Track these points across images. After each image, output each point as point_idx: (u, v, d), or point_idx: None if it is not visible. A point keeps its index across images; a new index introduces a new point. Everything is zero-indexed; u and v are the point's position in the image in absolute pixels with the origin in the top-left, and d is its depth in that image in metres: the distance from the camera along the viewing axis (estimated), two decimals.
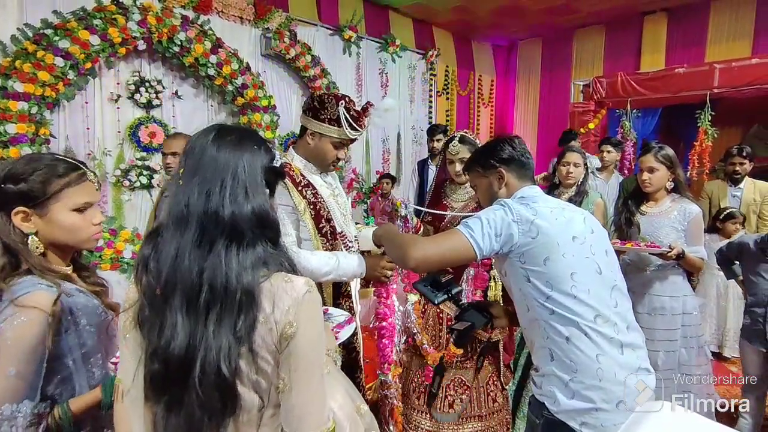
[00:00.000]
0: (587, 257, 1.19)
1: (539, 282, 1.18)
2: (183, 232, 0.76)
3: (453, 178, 2.04)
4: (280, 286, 0.77)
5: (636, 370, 1.17)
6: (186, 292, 0.74)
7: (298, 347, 0.76)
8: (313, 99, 1.62)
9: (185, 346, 0.73)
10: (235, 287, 0.74)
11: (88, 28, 3.14)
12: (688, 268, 2.11)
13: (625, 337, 1.18)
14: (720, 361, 3.31)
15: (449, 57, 6.45)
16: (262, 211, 0.80)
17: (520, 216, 1.19)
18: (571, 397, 1.15)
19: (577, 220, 1.25)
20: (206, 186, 0.77)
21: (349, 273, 1.50)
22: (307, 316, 0.77)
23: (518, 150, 1.35)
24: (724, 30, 5.12)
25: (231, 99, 4.07)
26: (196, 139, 0.82)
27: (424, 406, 2.06)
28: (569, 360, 1.15)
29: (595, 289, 1.17)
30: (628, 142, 4.89)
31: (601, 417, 1.12)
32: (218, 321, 0.73)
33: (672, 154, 2.14)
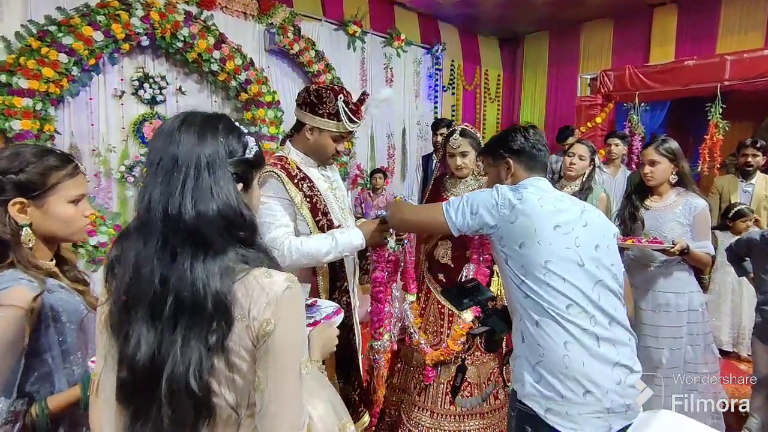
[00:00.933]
0: (568, 248, 1.18)
1: (515, 266, 1.21)
2: (145, 237, 0.71)
3: (453, 171, 2.02)
4: (258, 282, 0.74)
5: (613, 365, 1.16)
6: (149, 302, 0.70)
7: (275, 344, 0.73)
8: (309, 93, 1.59)
9: (150, 358, 0.69)
10: (203, 297, 0.69)
11: (91, 24, 3.15)
12: (694, 263, 2.06)
13: (604, 331, 1.17)
14: (734, 360, 3.24)
15: (455, 51, 6.39)
16: (230, 209, 0.73)
17: (504, 199, 1.23)
18: (537, 380, 1.17)
19: (571, 211, 1.25)
20: (167, 184, 0.71)
21: (350, 246, 1.49)
22: (286, 313, 0.74)
23: (531, 141, 1.34)
24: (735, 21, 5.00)
25: (235, 95, 4.07)
26: (160, 130, 0.76)
27: (424, 403, 2.04)
28: (537, 344, 1.17)
29: (571, 280, 1.16)
30: (636, 136, 4.81)
31: (566, 405, 1.12)
32: (187, 333, 0.69)
33: (675, 146, 2.08)
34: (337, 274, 1.64)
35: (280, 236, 1.47)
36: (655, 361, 2.07)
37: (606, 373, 1.14)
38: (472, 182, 2.04)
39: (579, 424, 1.11)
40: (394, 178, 5.68)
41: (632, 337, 1.24)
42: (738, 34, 4.97)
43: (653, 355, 2.07)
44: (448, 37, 6.22)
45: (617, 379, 1.15)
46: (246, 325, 0.72)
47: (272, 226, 1.48)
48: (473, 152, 1.99)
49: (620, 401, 1.14)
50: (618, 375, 1.15)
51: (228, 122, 0.80)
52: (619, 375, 1.15)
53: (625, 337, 1.21)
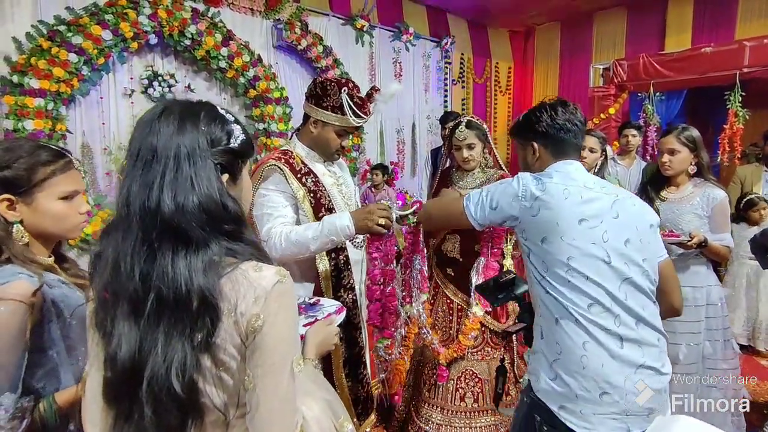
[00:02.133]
0: (594, 243, 1.11)
1: (536, 260, 1.16)
2: (124, 232, 0.68)
3: (460, 164, 1.98)
4: (246, 277, 0.70)
5: (637, 367, 1.10)
6: (130, 299, 0.67)
7: (264, 341, 0.70)
8: (315, 86, 1.57)
9: (131, 357, 0.66)
10: (186, 294, 0.66)
11: (100, 23, 3.17)
12: (712, 257, 1.99)
13: (630, 332, 1.10)
14: (751, 355, 3.16)
15: (464, 44, 6.31)
16: (212, 202, 0.70)
17: (525, 191, 1.16)
18: (553, 378, 1.14)
19: (601, 201, 1.15)
20: (146, 177, 0.68)
21: (334, 228, 1.37)
22: (275, 308, 0.70)
23: (558, 122, 1.22)
24: (755, 5, 4.83)
25: (243, 91, 4.07)
26: (140, 121, 0.72)
27: (435, 399, 2.02)
28: (555, 342, 1.14)
29: (595, 278, 1.10)
30: (651, 126, 4.69)
31: (581, 404, 1.09)
32: (169, 331, 0.66)
33: (696, 135, 1.99)
34: (341, 272, 1.62)
35: (275, 226, 1.45)
36: (672, 357, 1.98)
37: (627, 375, 1.09)
38: (480, 175, 2.00)
39: (593, 424, 1.08)
40: (404, 172, 5.64)
41: (662, 336, 1.17)
42: (758, 19, 4.80)
43: (670, 350, 1.98)
44: (458, 30, 6.14)
45: (637, 381, 1.09)
46: (234, 321, 0.69)
47: (270, 218, 1.47)
48: (480, 144, 1.94)
49: (641, 404, 1.09)
50: (640, 377, 1.10)
51: (210, 110, 0.76)
52: (641, 377, 1.10)
53: (654, 337, 1.14)
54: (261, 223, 1.49)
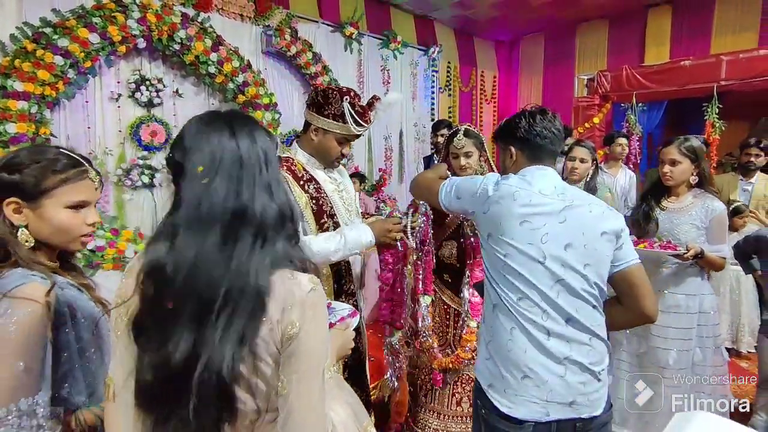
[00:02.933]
0: (531, 243, 1.18)
1: (484, 253, 1.29)
2: (205, 234, 0.71)
3: (457, 172, 2.00)
4: (283, 284, 0.73)
5: (561, 359, 1.18)
6: (201, 299, 0.69)
7: (300, 348, 0.72)
8: (317, 94, 1.59)
9: (186, 357, 0.68)
10: (251, 289, 0.70)
11: (87, 26, 3.11)
12: (708, 267, 2.03)
13: (557, 327, 1.18)
14: (733, 358, 3.25)
15: (451, 53, 6.40)
16: (288, 205, 0.77)
17: (484, 189, 1.26)
18: (487, 358, 1.26)
19: (549, 206, 1.20)
20: (233, 183, 0.72)
21: (358, 244, 1.47)
22: (310, 315, 0.73)
23: (535, 129, 1.28)
24: (729, 21, 5.04)
25: (232, 97, 4.04)
26: (205, 131, 0.76)
27: (431, 404, 2.03)
28: (490, 325, 1.26)
29: (527, 275, 1.18)
30: (634, 136, 4.83)
31: (505, 384, 1.20)
32: (227, 325, 0.69)
33: (698, 146, 2.00)
34: (342, 277, 1.62)
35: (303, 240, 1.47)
36: (662, 362, 2.05)
37: (548, 366, 1.17)
38: None
39: (514, 404, 1.18)
40: (392, 179, 5.66)
41: (596, 339, 1.20)
42: (732, 35, 5.01)
43: (660, 355, 2.05)
44: (444, 39, 6.22)
45: (561, 372, 1.17)
46: (270, 328, 0.71)
47: None
48: (477, 152, 1.97)
49: (562, 393, 1.17)
50: (564, 369, 1.18)
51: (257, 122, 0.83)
52: (565, 369, 1.18)
53: (585, 337, 1.19)
54: None
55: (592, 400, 1.20)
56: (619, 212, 1.32)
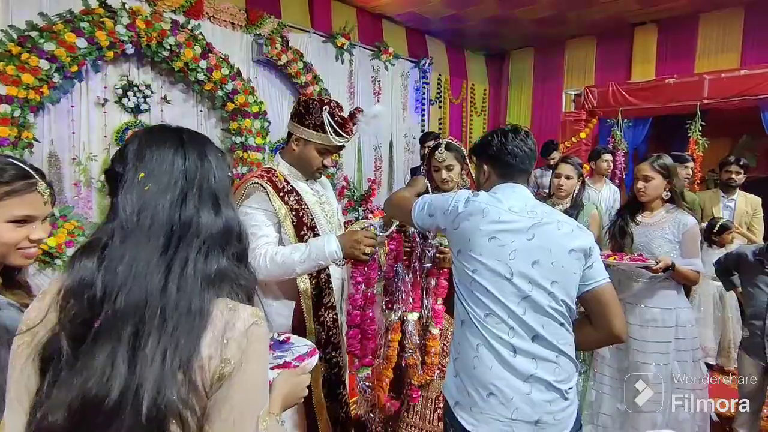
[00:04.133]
0: (498, 260, 1.18)
1: (455, 269, 1.29)
2: (143, 247, 0.65)
3: (438, 184, 2.01)
4: (221, 314, 0.65)
5: (527, 377, 1.16)
6: (135, 319, 0.62)
7: (232, 392, 0.62)
8: (299, 104, 1.58)
9: (122, 388, 0.59)
10: (192, 307, 0.64)
11: (74, 30, 3.09)
12: (682, 281, 2.06)
13: (523, 344, 1.17)
14: (717, 373, 3.27)
15: (442, 66, 6.46)
16: (236, 223, 0.73)
17: (454, 206, 1.26)
18: (454, 375, 1.25)
19: (517, 223, 1.21)
20: (177, 194, 0.69)
21: (322, 254, 1.40)
22: (249, 353, 0.64)
23: (508, 147, 1.29)
24: (712, 42, 5.17)
25: (221, 104, 4.03)
26: (154, 141, 0.72)
27: (412, 420, 2.00)
28: (458, 342, 1.26)
29: (494, 292, 1.18)
30: (619, 151, 4.90)
31: (471, 401, 1.18)
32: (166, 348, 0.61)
33: (670, 163, 2.10)
34: (322, 290, 1.60)
35: (260, 246, 1.44)
36: (641, 377, 2.06)
37: (514, 383, 1.16)
38: None
39: (479, 422, 1.17)
40: (381, 189, 5.67)
41: (563, 356, 1.20)
42: (715, 54, 5.14)
43: (640, 369, 2.06)
44: (435, 52, 6.29)
45: (527, 390, 1.16)
46: (200, 365, 0.62)
47: (254, 237, 1.46)
48: (458, 165, 1.98)
49: (528, 411, 1.15)
50: (529, 387, 1.16)
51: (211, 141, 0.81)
52: (531, 387, 1.16)
53: (551, 354, 1.18)
54: None
55: (558, 419, 1.18)
56: (591, 231, 1.33)
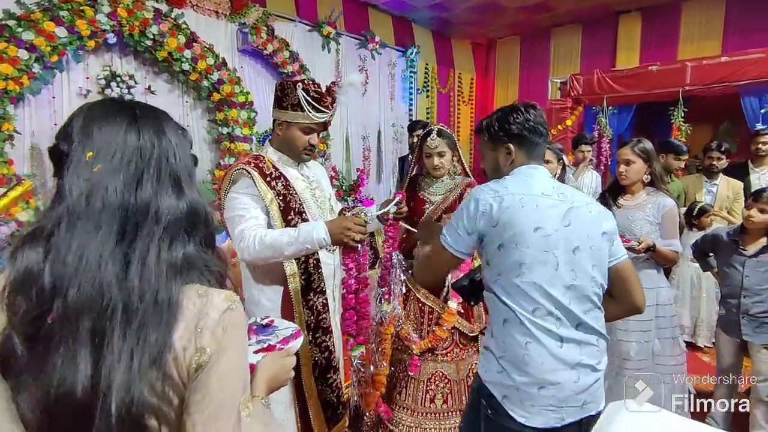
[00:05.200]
0: (546, 251, 1.16)
1: (493, 265, 1.21)
2: (94, 234, 0.59)
3: (430, 171, 2.03)
4: (192, 302, 0.62)
5: (574, 365, 1.17)
6: (96, 312, 0.57)
7: (209, 380, 0.60)
8: (276, 89, 1.60)
9: (90, 384, 0.56)
10: (159, 299, 0.60)
11: (54, 19, 3.02)
12: (661, 261, 2.13)
13: (570, 332, 1.18)
14: (693, 351, 3.38)
15: (429, 55, 6.45)
16: (198, 205, 0.67)
17: (486, 206, 1.18)
18: (499, 371, 1.21)
19: (555, 210, 1.19)
20: (131, 175, 0.63)
21: (310, 238, 1.38)
22: (225, 341, 0.61)
23: (531, 123, 1.24)
24: (695, 29, 5.24)
25: (207, 95, 3.99)
26: (98, 116, 0.66)
27: (404, 401, 2.04)
28: (502, 341, 1.21)
29: (542, 284, 1.15)
30: (604, 138, 4.97)
31: (522, 395, 1.17)
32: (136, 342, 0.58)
33: (650, 147, 2.15)
34: (311, 274, 1.62)
35: (248, 228, 1.45)
36: (624, 354, 2.13)
37: (563, 374, 1.16)
38: (448, 182, 2.06)
39: (531, 414, 1.16)
40: (369, 179, 5.67)
41: (602, 339, 1.24)
42: (698, 41, 5.20)
43: (623, 347, 2.13)
44: (422, 41, 6.27)
45: (575, 378, 1.17)
46: (173, 356, 0.60)
47: (242, 219, 1.47)
48: (450, 152, 2.00)
49: (576, 397, 1.18)
50: (577, 374, 1.17)
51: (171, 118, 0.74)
52: (578, 374, 1.17)
53: (593, 339, 1.21)
54: (232, 225, 1.49)
55: (596, 396, 1.22)
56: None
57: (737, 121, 4.62)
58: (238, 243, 1.43)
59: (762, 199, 2.15)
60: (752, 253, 2.18)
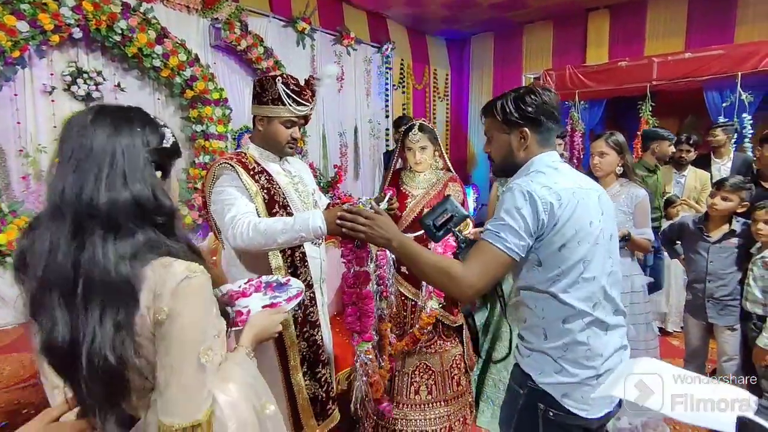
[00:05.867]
0: (598, 243, 1.14)
1: (551, 266, 1.13)
2: (57, 224, 0.74)
3: (412, 166, 2.05)
4: (155, 273, 0.76)
5: (617, 349, 1.19)
6: (62, 287, 0.74)
7: (170, 332, 0.76)
8: (254, 85, 1.59)
9: (68, 339, 0.73)
10: (112, 279, 0.73)
11: (14, 13, 2.90)
12: (635, 249, 2.21)
13: (612, 319, 1.19)
14: (663, 336, 3.53)
15: (404, 51, 6.46)
16: (144, 196, 0.78)
17: (545, 205, 1.09)
18: (558, 371, 1.16)
19: (593, 200, 1.17)
20: (81, 174, 0.75)
21: (306, 226, 1.34)
22: (181, 303, 0.76)
23: (548, 107, 1.17)
24: (660, 26, 5.42)
25: (179, 92, 3.89)
26: (72, 123, 0.79)
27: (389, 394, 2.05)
28: (562, 341, 1.15)
29: (598, 276, 1.15)
30: (576, 132, 5.09)
31: (582, 390, 1.14)
32: (101, 313, 0.73)
33: (622, 140, 2.22)
34: (297, 268, 1.61)
35: (240, 214, 1.43)
36: None
37: (613, 359, 1.18)
38: (430, 176, 2.07)
39: (592, 405, 1.14)
40: (347, 175, 5.66)
41: (626, 314, 1.27)
42: (663, 38, 5.39)
43: None
44: (398, 37, 6.28)
45: (618, 361, 1.19)
46: (140, 314, 0.76)
47: (232, 207, 1.45)
48: (431, 146, 2.02)
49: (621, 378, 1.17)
50: (620, 356, 1.20)
51: (142, 114, 0.85)
52: (620, 356, 1.20)
53: (623, 320, 1.24)
54: (221, 215, 1.46)
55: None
56: None
57: (701, 115, 4.80)
58: (229, 229, 1.41)
59: (725, 187, 2.25)
60: (716, 240, 2.29)
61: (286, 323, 1.56)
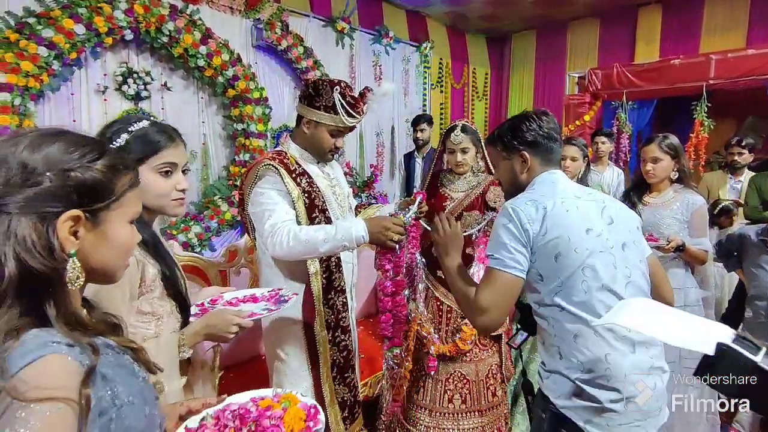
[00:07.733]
0: (602, 251, 1.12)
1: (550, 277, 1.12)
2: None
3: (453, 168, 2.00)
4: None
5: (648, 369, 1.11)
6: None
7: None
8: (308, 86, 1.57)
9: None
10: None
11: (72, 16, 3.04)
12: (691, 260, 2.06)
13: (637, 336, 1.10)
14: None
15: (443, 49, 6.38)
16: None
17: (530, 218, 1.12)
18: (578, 394, 1.10)
19: (594, 210, 1.17)
20: None
21: (349, 236, 1.36)
22: None
23: (544, 130, 1.23)
24: (718, 21, 5.09)
25: (222, 91, 3.99)
26: None
27: (423, 401, 2.02)
28: (576, 359, 1.10)
29: (609, 284, 1.10)
30: (624, 134, 4.86)
31: (607, 416, 1.07)
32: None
33: (677, 143, 2.08)
34: (333, 273, 1.60)
35: (280, 222, 1.42)
36: None
37: (643, 380, 1.09)
38: (471, 179, 2.02)
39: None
40: (383, 175, 5.65)
41: None
42: (721, 34, 5.06)
43: None
44: (437, 35, 6.20)
45: (652, 385, 1.10)
46: None
47: (273, 213, 1.44)
48: (474, 148, 1.97)
49: (656, 405, 1.11)
50: (653, 380, 1.11)
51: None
52: (654, 380, 1.11)
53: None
54: (260, 220, 1.46)
55: (665, 399, 1.16)
56: None
57: (763, 116, 4.48)
58: (269, 238, 1.41)
59: None
60: None
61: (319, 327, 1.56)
